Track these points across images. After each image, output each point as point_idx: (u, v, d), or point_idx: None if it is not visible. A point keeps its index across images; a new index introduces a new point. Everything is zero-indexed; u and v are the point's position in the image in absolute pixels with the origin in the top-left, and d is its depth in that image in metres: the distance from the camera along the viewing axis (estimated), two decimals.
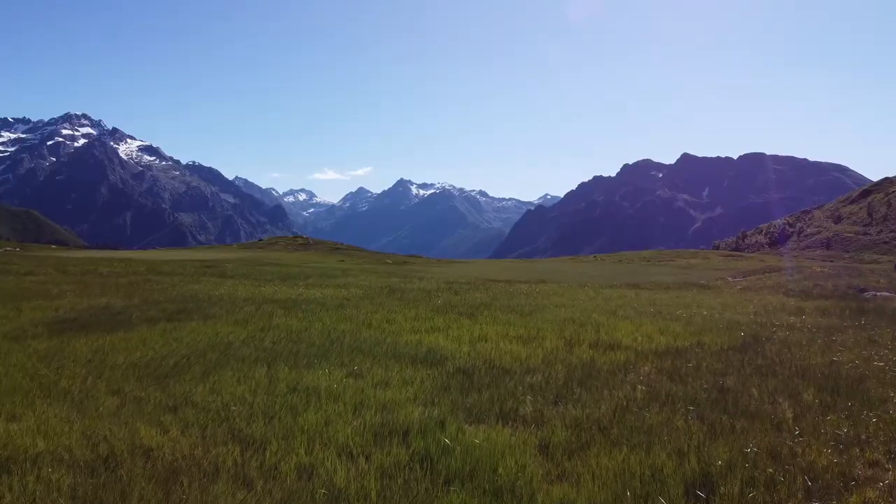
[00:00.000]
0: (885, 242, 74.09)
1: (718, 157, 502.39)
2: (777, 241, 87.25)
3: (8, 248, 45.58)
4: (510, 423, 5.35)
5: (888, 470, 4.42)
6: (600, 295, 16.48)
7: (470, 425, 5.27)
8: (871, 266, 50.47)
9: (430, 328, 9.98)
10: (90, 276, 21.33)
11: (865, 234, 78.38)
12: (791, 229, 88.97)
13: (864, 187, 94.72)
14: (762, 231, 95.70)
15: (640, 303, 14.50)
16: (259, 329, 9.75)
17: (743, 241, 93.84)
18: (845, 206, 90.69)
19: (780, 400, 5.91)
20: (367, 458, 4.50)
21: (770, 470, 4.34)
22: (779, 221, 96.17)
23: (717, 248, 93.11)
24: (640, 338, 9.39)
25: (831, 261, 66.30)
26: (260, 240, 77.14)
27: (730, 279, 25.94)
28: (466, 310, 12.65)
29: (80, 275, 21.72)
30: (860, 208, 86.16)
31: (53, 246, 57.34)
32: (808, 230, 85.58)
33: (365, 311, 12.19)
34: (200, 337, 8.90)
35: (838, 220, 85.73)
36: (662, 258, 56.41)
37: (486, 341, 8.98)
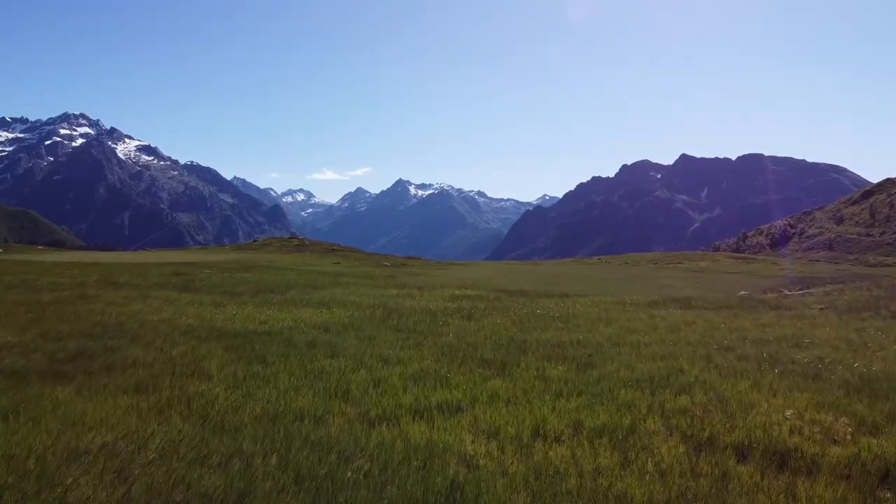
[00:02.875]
0: (889, 244, 70.54)
1: (717, 158, 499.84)
2: (778, 242, 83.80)
3: None
4: None
5: None
6: (659, 321, 12.59)
7: None
8: (890, 270, 46.71)
9: (444, 403, 6.05)
10: (19, 289, 17.45)
11: (868, 235, 74.93)
12: (792, 230, 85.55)
13: (866, 188, 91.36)
14: (763, 232, 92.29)
15: (725, 336, 10.62)
16: (158, 409, 5.78)
17: (744, 241, 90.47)
18: (847, 206, 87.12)
19: None
20: None
21: None
22: (779, 222, 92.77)
23: (718, 248, 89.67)
24: (810, 429, 5.44)
25: (836, 262, 62.71)
26: (254, 240, 73.81)
27: (786, 292, 22.08)
28: (492, 353, 8.76)
29: (6, 288, 17.89)
30: (862, 209, 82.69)
31: (40, 247, 53.66)
32: (810, 231, 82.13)
33: (344, 357, 8.30)
34: (31, 437, 4.93)
35: (840, 221, 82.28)
36: (670, 260, 53.12)
37: (547, 441, 4.98)
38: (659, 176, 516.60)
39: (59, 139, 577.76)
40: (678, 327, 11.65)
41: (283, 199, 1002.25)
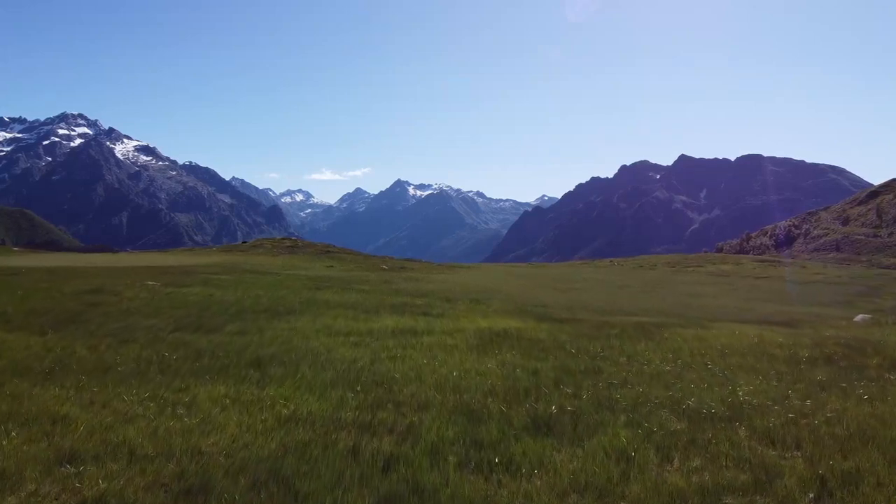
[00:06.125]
0: None
1: (716, 159, 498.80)
2: (781, 243, 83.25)
3: None
4: None
5: None
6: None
7: None
8: None
9: None
10: None
11: (875, 236, 74.36)
12: (797, 231, 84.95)
13: (872, 188, 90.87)
14: (766, 233, 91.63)
15: None
16: None
17: (747, 242, 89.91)
18: (853, 207, 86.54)
19: None
20: None
21: None
22: (783, 223, 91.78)
23: (721, 250, 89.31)
24: None
25: (848, 264, 62.05)
26: (244, 242, 72.94)
27: None
28: None
29: None
30: (868, 210, 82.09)
31: (16, 248, 53.30)
32: (815, 232, 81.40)
33: None
34: None
35: (846, 221, 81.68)
36: (688, 263, 50.82)
37: None
38: (658, 176, 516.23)
39: (57, 139, 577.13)
40: None
41: (282, 200, 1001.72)
